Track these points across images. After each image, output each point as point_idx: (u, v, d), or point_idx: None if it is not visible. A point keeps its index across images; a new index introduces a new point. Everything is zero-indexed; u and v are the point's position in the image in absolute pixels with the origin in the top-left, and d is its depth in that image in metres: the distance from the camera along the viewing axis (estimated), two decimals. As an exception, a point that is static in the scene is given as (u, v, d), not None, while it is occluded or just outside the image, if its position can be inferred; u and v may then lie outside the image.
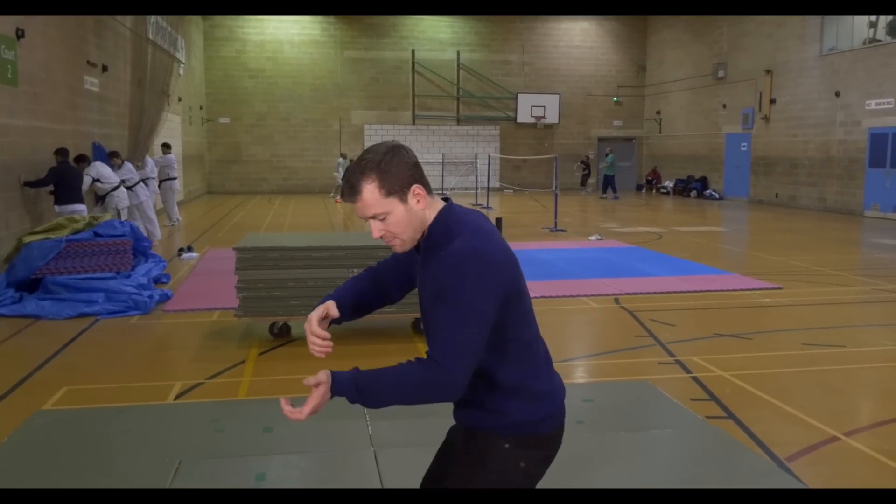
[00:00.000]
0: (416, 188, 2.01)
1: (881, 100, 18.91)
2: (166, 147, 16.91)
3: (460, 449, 2.21)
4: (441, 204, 2.08)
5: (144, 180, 14.08)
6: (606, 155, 27.19)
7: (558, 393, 2.17)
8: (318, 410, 2.01)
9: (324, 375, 1.99)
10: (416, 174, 2.02)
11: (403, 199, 2.00)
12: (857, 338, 6.92)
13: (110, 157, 12.90)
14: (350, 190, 2.00)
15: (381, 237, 2.03)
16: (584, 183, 29.43)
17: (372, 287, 2.34)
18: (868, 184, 19.49)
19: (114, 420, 4.67)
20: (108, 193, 12.11)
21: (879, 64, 18.98)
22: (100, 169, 11.97)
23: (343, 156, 26.52)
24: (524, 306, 2.07)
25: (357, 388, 1.97)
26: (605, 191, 26.44)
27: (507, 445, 2.08)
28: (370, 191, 1.98)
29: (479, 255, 1.94)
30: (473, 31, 29.69)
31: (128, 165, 13.38)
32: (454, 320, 1.91)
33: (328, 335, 2.14)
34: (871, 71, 19.26)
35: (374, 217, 2.01)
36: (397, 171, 1.98)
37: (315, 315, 2.17)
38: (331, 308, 2.20)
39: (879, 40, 19.32)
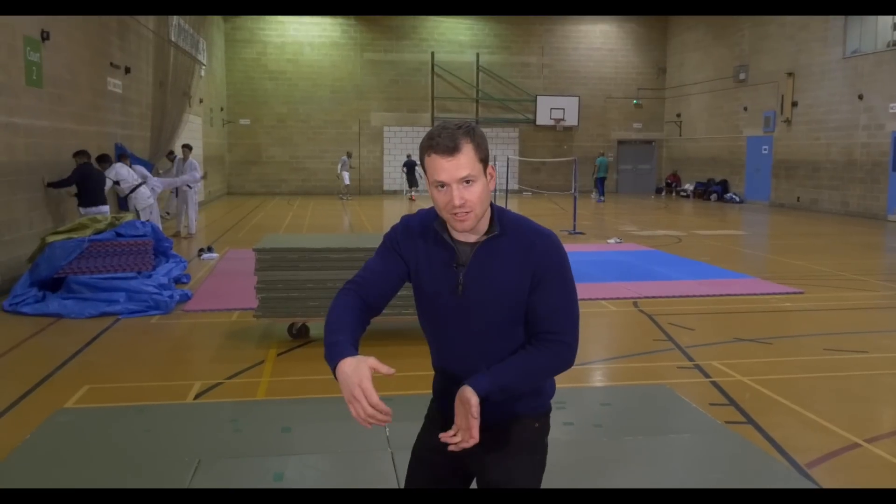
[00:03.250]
0: (492, 167, 2.06)
1: (905, 103, 18.69)
2: (187, 148, 16.90)
3: (500, 440, 2.17)
4: None
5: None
6: (599, 156, 27.18)
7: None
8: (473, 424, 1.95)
9: (468, 393, 1.96)
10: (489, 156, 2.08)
11: (485, 172, 2.03)
12: (879, 343, 6.84)
13: (120, 159, 12.97)
14: (450, 143, 1.95)
15: (461, 206, 1.97)
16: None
17: (366, 309, 2.22)
18: (892, 188, 19.26)
19: (134, 419, 4.71)
20: (129, 194, 12.22)
21: (904, 66, 18.76)
22: (119, 170, 12.08)
23: (349, 154, 26.71)
24: None
25: (501, 390, 2.01)
26: (602, 192, 26.50)
27: (536, 425, 2.20)
28: (469, 150, 1.97)
29: (558, 239, 2.11)
30: (493, 33, 29.68)
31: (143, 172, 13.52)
32: (570, 297, 2.10)
33: (388, 408, 1.95)
34: (895, 73, 19.03)
35: (463, 178, 1.96)
36: (485, 142, 2.04)
37: (369, 383, 1.96)
38: (379, 366, 2.01)
39: (904, 43, 19.10)
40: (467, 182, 1.97)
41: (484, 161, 2.00)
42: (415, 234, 2.17)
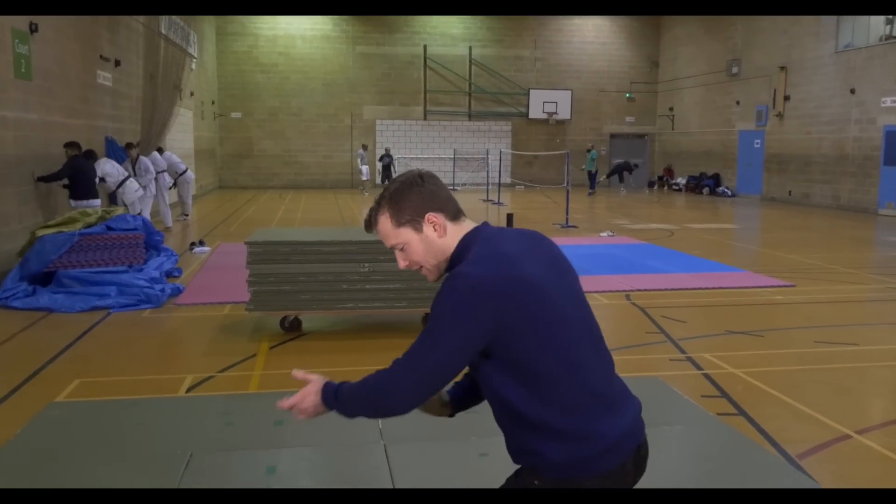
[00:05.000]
0: (431, 216, 1.99)
1: (896, 97, 18.76)
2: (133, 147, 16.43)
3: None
4: (468, 229, 2.02)
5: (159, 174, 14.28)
6: (588, 151, 27.13)
7: (605, 437, 1.92)
8: (302, 409, 2.07)
9: (314, 377, 2.08)
10: (431, 203, 1.99)
11: (417, 229, 2.00)
12: (870, 336, 6.87)
13: (126, 149, 12.95)
14: (367, 221, 2.09)
15: (407, 267, 2.07)
16: (622, 180, 28.12)
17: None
18: (883, 182, 19.33)
19: (125, 412, 4.70)
20: (114, 191, 12.20)
21: None
22: (104, 166, 12.02)
23: (364, 147, 26.51)
24: (544, 336, 1.88)
25: (335, 395, 2.03)
26: (592, 186, 26.43)
27: (535, 482, 1.95)
28: (383, 222, 2.03)
29: (470, 280, 1.84)
30: (485, 26, 29.62)
31: (144, 162, 13.47)
32: (423, 337, 1.89)
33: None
34: (887, 68, 19.09)
35: (393, 247, 2.06)
36: (408, 202, 1.99)
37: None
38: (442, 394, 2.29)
39: (895, 37, 19.15)
40: (400, 249, 2.04)
41: (410, 221, 1.99)
42: None
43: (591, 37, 30.42)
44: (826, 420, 4.69)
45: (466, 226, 2.03)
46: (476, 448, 4.14)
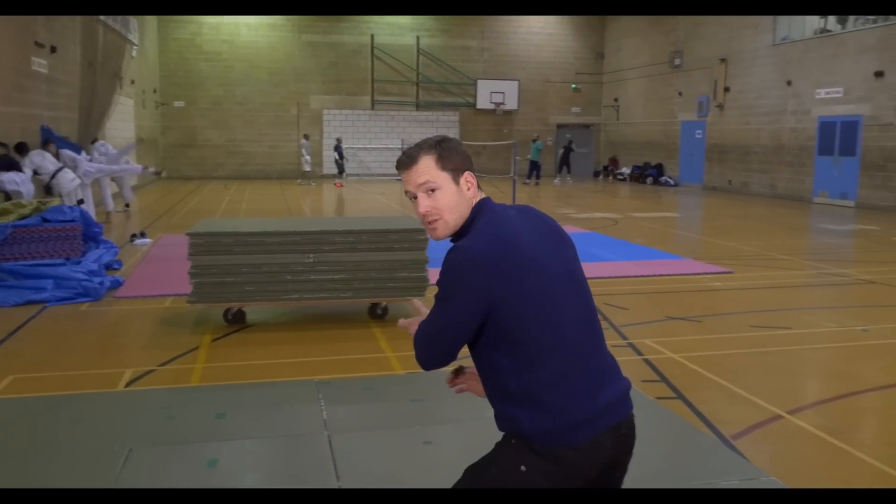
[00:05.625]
0: (469, 175, 2.09)
1: (830, 89, 19.34)
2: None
3: None
4: (481, 197, 2.13)
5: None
6: (533, 141, 27.24)
7: (579, 410, 1.99)
8: (411, 331, 2.18)
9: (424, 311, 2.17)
10: (469, 162, 2.11)
11: (456, 180, 2.07)
12: (802, 320, 7.10)
13: (44, 146, 12.54)
14: (407, 158, 2.09)
15: (426, 214, 2.07)
16: (569, 169, 28.23)
17: None
18: (817, 171, 19.95)
19: (62, 408, 4.60)
20: (49, 182, 11.88)
21: (829, 54, 19.39)
22: (34, 158, 11.67)
23: (306, 137, 26.03)
24: (533, 312, 1.96)
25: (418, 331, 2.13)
26: (529, 176, 26.39)
27: (513, 441, 2.03)
28: (426, 161, 2.06)
29: (469, 254, 1.95)
30: (433, 16, 29.55)
31: (69, 154, 13.05)
32: (432, 312, 2.02)
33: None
34: (821, 60, 19.67)
35: (423, 186, 2.06)
36: (454, 152, 2.09)
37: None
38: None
39: (830, 30, 19.73)
40: (431, 190, 2.05)
41: (452, 170, 2.06)
42: None
43: (538, 28, 30.61)
44: (760, 401, 4.85)
45: (481, 194, 2.15)
46: (420, 436, 4.17)
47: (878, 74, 17.81)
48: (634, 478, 3.45)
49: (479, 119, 30.33)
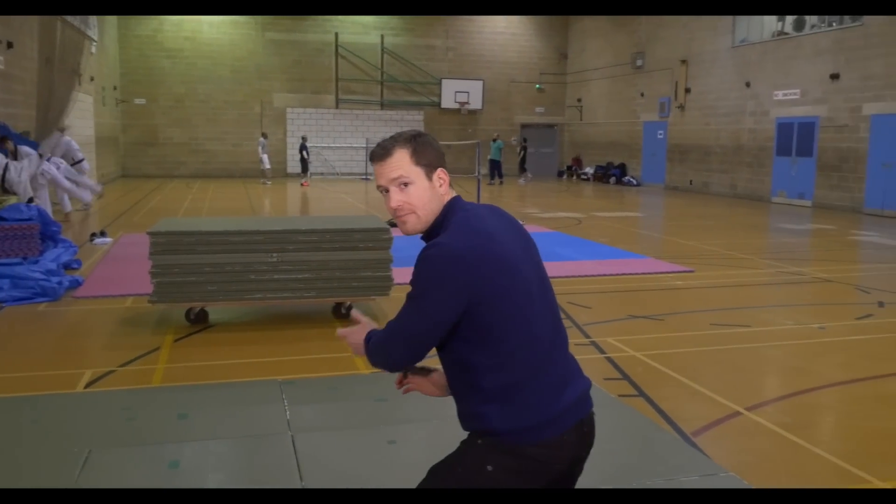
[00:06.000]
0: (442, 172, 2.10)
1: (788, 90, 19.72)
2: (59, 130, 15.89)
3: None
4: (453, 196, 2.13)
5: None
6: (493, 141, 27.11)
7: (549, 408, 2.02)
8: (350, 342, 2.21)
9: (365, 321, 2.22)
10: (442, 159, 2.11)
11: (429, 175, 2.07)
12: (761, 318, 7.24)
13: (2, 142, 12.27)
14: (381, 150, 2.07)
15: (397, 209, 2.06)
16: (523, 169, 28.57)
17: None
18: (775, 171, 20.34)
19: (19, 410, 4.51)
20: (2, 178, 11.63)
21: (787, 56, 19.77)
22: None
23: (264, 135, 25.68)
24: (509, 311, 1.98)
25: (367, 342, 2.15)
26: (493, 177, 26.34)
27: (479, 441, 2.04)
28: (401, 155, 2.05)
29: (446, 251, 1.94)
30: (398, 15, 29.50)
31: (25, 150, 12.77)
32: (407, 303, 2.01)
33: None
34: (779, 63, 20.05)
35: (396, 180, 2.05)
36: (429, 147, 2.08)
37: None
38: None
39: (787, 33, 20.11)
40: (404, 185, 2.05)
41: (426, 166, 2.06)
42: None
43: (502, 27, 30.74)
44: (719, 399, 4.93)
45: (452, 192, 2.15)
46: (384, 435, 4.17)
47: (834, 77, 18.21)
48: (596, 475, 3.50)
49: (444, 118, 30.35)
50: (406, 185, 2.05)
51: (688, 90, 23.82)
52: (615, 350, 6.02)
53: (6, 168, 11.74)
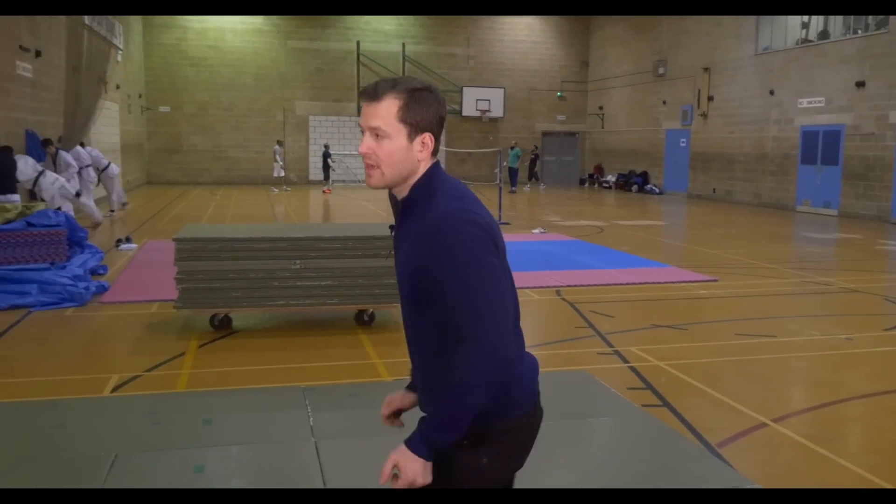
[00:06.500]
0: (428, 137, 1.90)
1: (812, 98, 19.55)
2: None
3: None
4: (433, 163, 1.96)
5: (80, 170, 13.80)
6: (511, 148, 27.26)
7: (528, 378, 2.01)
8: (408, 480, 1.84)
9: (391, 457, 1.88)
10: (436, 127, 1.92)
11: (411, 136, 1.88)
12: (787, 328, 7.17)
13: (44, 146, 12.51)
14: (373, 91, 1.88)
15: (365, 155, 1.88)
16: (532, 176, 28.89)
17: None
18: (800, 180, 20.15)
19: (47, 414, 4.56)
20: (32, 189, 11.82)
21: (811, 64, 19.61)
22: (17, 164, 11.60)
23: (279, 143, 25.91)
24: (510, 281, 1.93)
25: (439, 440, 1.82)
26: (514, 183, 26.60)
27: (465, 442, 1.88)
28: (389, 105, 1.86)
29: (466, 216, 1.82)
30: (419, 23, 29.64)
31: (63, 155, 13.00)
32: (468, 281, 1.78)
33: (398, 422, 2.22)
34: (803, 70, 19.89)
35: (373, 129, 1.87)
36: (424, 106, 1.88)
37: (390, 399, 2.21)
38: (394, 401, 2.21)
39: (811, 41, 19.95)
40: (378, 136, 1.87)
41: (411, 125, 1.87)
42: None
43: (523, 35, 30.76)
44: (745, 409, 4.89)
45: (433, 160, 1.96)
46: (407, 443, 4.16)
47: (860, 84, 18.02)
48: (621, 485, 3.49)
49: (465, 126, 30.39)
50: (380, 136, 1.87)
51: (710, 98, 23.69)
52: (638, 359, 5.98)
53: (42, 173, 11.92)
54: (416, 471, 1.82)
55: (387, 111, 1.86)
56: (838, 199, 18.85)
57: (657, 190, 26.27)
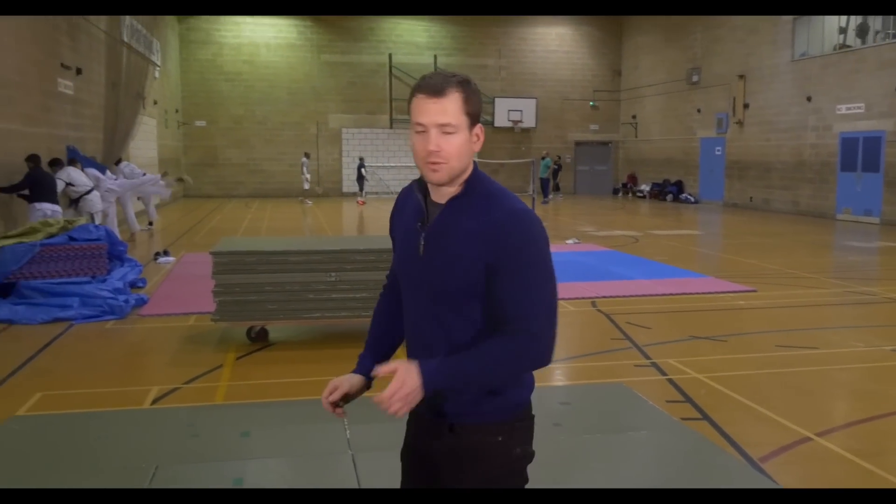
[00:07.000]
0: (479, 128, 1.93)
1: (851, 104, 19.21)
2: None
3: (446, 455, 2.00)
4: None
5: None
6: (542, 158, 27.21)
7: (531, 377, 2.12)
8: (401, 396, 1.78)
9: (397, 363, 1.85)
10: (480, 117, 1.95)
11: (471, 127, 1.90)
12: (828, 339, 7.02)
13: (71, 164, 12.72)
14: (436, 85, 1.86)
15: (432, 153, 1.85)
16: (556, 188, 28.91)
17: (397, 300, 2.20)
18: (840, 188, 19.79)
19: (88, 426, 4.63)
20: (80, 197, 12.02)
21: (849, 69, 19.29)
22: (71, 173, 11.89)
23: (307, 155, 26.10)
24: None
25: (449, 377, 1.83)
26: (546, 193, 26.52)
27: (500, 439, 1.94)
28: (455, 99, 1.86)
29: (537, 217, 1.90)
30: (450, 35, 29.76)
31: (93, 172, 13.22)
32: (537, 282, 1.84)
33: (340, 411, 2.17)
34: (841, 76, 19.57)
35: (443, 125, 1.85)
36: (477, 97, 1.91)
37: (336, 383, 2.14)
38: (342, 384, 2.13)
39: (849, 46, 19.63)
40: (447, 132, 1.85)
41: (471, 116, 1.88)
42: (402, 198, 2.12)
43: (555, 45, 30.72)
44: (787, 423, 4.79)
45: None
46: (444, 456, 4.15)
47: (901, 90, 17.69)
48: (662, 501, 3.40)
49: (498, 137, 30.38)
50: (449, 132, 1.85)
51: (746, 105, 23.40)
52: (677, 372, 5.90)
53: (88, 192, 12.16)
54: (412, 385, 1.79)
55: (454, 105, 1.86)
56: (880, 207, 18.47)
57: (692, 199, 26.00)
